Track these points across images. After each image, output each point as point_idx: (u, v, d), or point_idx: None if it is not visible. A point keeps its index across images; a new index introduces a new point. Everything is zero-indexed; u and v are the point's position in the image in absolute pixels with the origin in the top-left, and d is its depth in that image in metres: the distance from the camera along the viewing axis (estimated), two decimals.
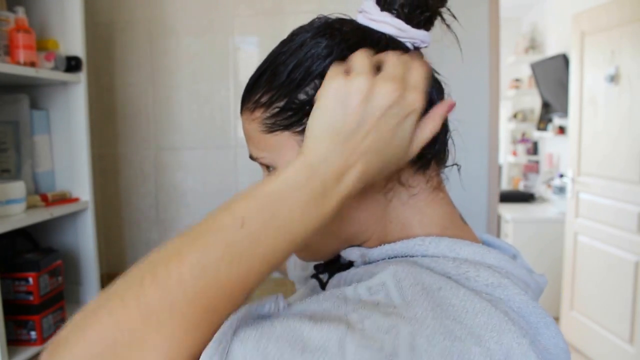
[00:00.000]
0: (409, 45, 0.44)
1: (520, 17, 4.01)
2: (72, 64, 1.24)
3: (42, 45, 1.20)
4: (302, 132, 0.42)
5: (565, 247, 2.87)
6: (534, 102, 3.86)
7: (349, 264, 0.51)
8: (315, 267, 0.55)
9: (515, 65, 3.94)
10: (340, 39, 0.43)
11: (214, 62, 1.58)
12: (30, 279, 1.10)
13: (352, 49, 0.42)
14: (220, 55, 1.57)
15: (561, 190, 3.20)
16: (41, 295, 1.12)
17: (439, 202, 0.46)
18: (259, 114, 0.45)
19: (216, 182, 1.62)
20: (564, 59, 3.00)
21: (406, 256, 0.43)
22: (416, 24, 0.44)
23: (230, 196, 0.39)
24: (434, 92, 0.44)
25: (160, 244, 0.39)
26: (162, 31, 1.59)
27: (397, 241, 0.44)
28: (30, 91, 1.28)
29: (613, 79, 2.39)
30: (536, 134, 3.67)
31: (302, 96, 0.42)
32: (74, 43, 1.25)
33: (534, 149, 3.89)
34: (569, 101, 2.80)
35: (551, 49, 3.42)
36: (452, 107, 0.42)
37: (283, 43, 0.46)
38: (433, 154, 0.46)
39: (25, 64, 1.11)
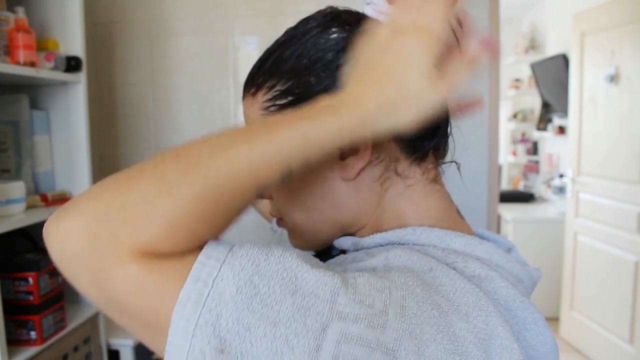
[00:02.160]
0: None
1: (520, 17, 4.01)
2: (72, 64, 1.23)
3: (42, 45, 1.19)
4: None
5: (565, 247, 2.87)
6: (534, 102, 3.86)
7: (340, 254, 0.51)
8: None
9: (515, 65, 3.93)
10: (348, 30, 0.43)
11: (214, 62, 1.58)
12: (30, 279, 1.10)
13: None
14: (220, 55, 1.57)
15: (561, 190, 3.20)
16: (41, 295, 1.12)
17: (435, 195, 0.46)
18: (260, 97, 0.45)
19: None
20: (564, 59, 3.00)
21: (397, 244, 0.43)
22: None
23: None
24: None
25: None
26: (162, 31, 1.59)
27: (390, 230, 0.44)
28: (30, 91, 1.28)
29: (613, 79, 2.38)
30: (536, 134, 3.66)
31: (304, 84, 0.43)
32: (74, 43, 1.25)
33: (534, 149, 3.89)
34: (569, 101, 2.79)
35: (551, 49, 3.42)
36: (493, 46, 0.38)
37: (289, 31, 0.46)
38: (431, 146, 0.46)
39: (25, 64, 1.11)
